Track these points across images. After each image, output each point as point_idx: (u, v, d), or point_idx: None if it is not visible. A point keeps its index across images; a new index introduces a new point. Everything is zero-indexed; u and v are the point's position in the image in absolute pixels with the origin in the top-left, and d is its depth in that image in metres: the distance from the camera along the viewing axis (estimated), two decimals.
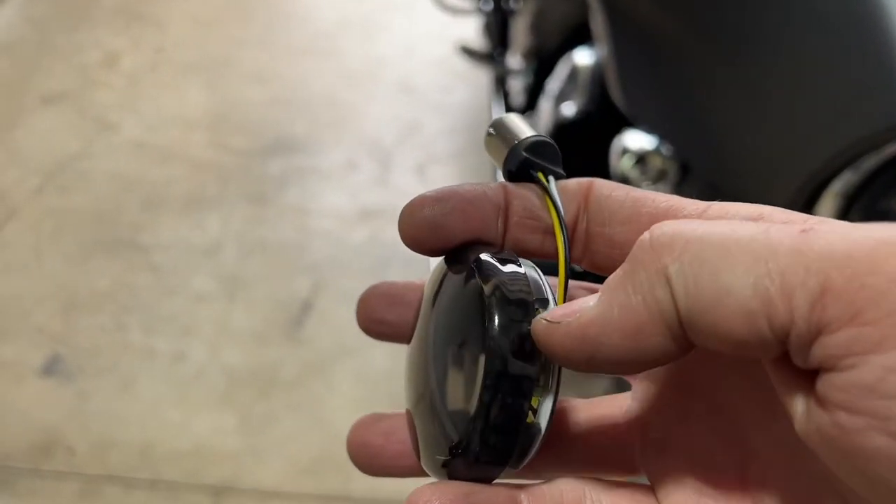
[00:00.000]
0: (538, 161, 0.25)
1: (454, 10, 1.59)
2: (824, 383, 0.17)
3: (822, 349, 0.16)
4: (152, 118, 2.02)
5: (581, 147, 0.99)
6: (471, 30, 1.93)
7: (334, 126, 2.03)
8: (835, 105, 0.56)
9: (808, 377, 0.17)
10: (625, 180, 0.75)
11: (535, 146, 0.25)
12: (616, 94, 0.74)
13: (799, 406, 0.18)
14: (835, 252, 0.16)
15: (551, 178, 0.25)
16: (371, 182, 1.87)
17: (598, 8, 0.75)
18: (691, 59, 0.66)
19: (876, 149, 0.54)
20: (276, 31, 2.39)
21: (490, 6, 1.54)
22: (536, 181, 0.25)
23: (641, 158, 0.73)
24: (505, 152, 0.25)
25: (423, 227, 0.24)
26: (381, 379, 1.39)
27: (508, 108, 1.51)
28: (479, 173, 1.80)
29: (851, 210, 0.58)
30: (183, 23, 2.38)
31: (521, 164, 0.25)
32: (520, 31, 1.40)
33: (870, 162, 0.55)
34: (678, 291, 0.18)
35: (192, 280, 1.59)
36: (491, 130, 0.26)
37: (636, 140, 0.74)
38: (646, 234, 0.20)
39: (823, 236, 0.17)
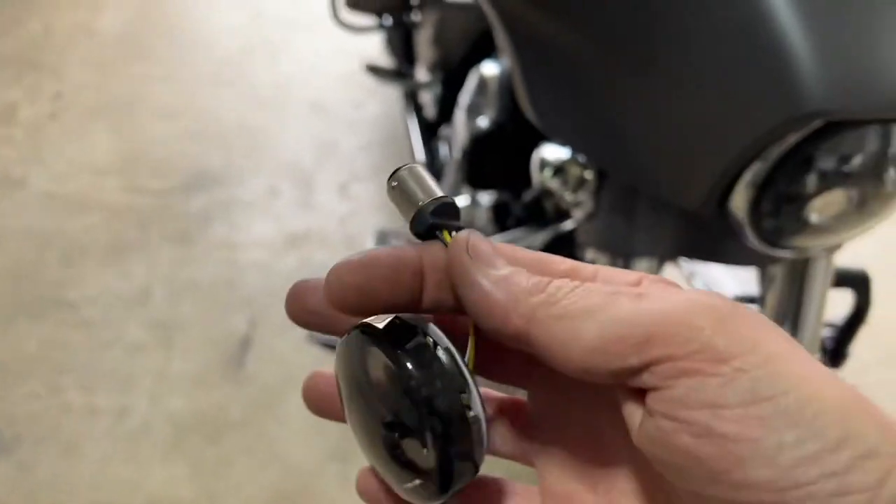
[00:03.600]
0: (443, 222, 0.28)
1: (355, 29, 1.59)
2: (651, 398, 0.23)
3: (650, 377, 0.23)
4: (60, 168, 1.96)
5: (498, 158, 1.01)
6: (374, 44, 1.93)
7: (250, 154, 2.01)
8: (736, 103, 0.59)
9: (640, 394, 0.24)
10: (547, 192, 0.77)
11: (439, 208, 0.27)
12: (526, 109, 0.75)
13: (635, 416, 0.24)
14: (655, 311, 0.23)
15: (454, 235, 0.28)
16: (295, 206, 1.86)
17: (499, 26, 0.77)
18: (593, 71, 0.68)
19: (779, 139, 0.57)
20: (179, 64, 2.34)
21: (390, 22, 1.54)
22: (443, 241, 0.28)
23: (560, 169, 0.74)
24: (411, 213, 0.28)
25: (350, 292, 0.27)
26: None
27: (422, 122, 1.52)
28: None
29: (764, 197, 0.61)
30: (79, 66, 2.31)
31: (429, 228, 0.28)
32: (423, 44, 1.41)
33: (775, 152, 0.58)
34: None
35: (125, 331, 1.56)
36: (393, 183, 0.28)
37: (553, 151, 0.76)
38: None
39: (652, 299, 0.24)
